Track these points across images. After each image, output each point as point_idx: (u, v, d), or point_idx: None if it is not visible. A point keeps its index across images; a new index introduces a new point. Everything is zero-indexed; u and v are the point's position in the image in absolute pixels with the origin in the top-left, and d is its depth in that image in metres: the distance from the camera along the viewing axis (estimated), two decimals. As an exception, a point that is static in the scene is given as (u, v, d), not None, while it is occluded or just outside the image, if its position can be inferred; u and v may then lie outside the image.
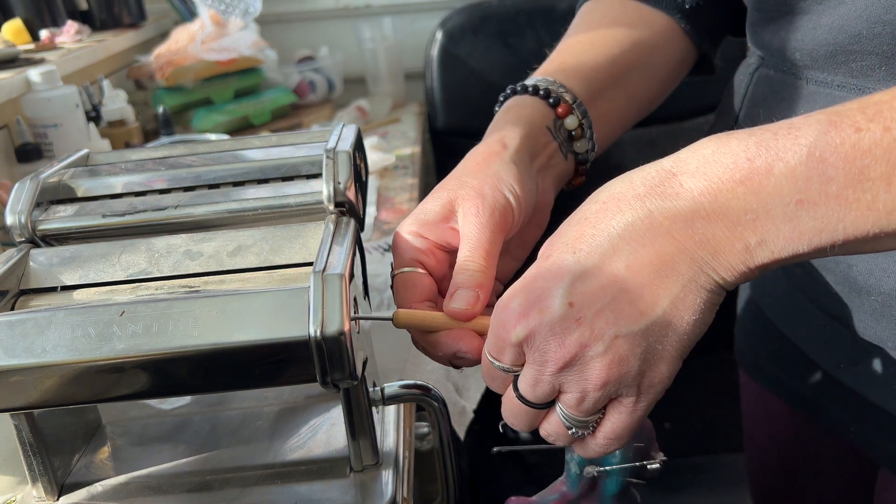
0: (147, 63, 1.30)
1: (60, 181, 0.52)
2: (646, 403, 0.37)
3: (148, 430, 0.52)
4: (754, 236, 0.33)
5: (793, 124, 0.33)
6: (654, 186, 0.35)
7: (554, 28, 0.60)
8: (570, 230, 0.37)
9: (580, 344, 0.35)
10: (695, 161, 0.34)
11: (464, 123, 1.40)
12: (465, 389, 0.70)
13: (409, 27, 1.63)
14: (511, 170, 0.46)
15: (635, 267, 0.34)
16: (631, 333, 0.34)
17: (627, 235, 0.35)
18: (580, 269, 0.35)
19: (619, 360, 0.35)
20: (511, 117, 0.51)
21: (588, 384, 0.36)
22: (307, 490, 0.45)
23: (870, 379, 0.53)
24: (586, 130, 0.52)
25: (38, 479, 0.46)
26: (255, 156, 0.54)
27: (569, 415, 0.38)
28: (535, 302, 0.36)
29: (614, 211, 0.35)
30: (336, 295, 0.39)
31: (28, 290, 0.45)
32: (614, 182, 0.37)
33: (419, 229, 0.46)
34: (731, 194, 0.33)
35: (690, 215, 0.34)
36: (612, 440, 0.38)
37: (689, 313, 0.35)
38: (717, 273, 0.34)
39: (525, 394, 0.38)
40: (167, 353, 0.39)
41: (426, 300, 0.44)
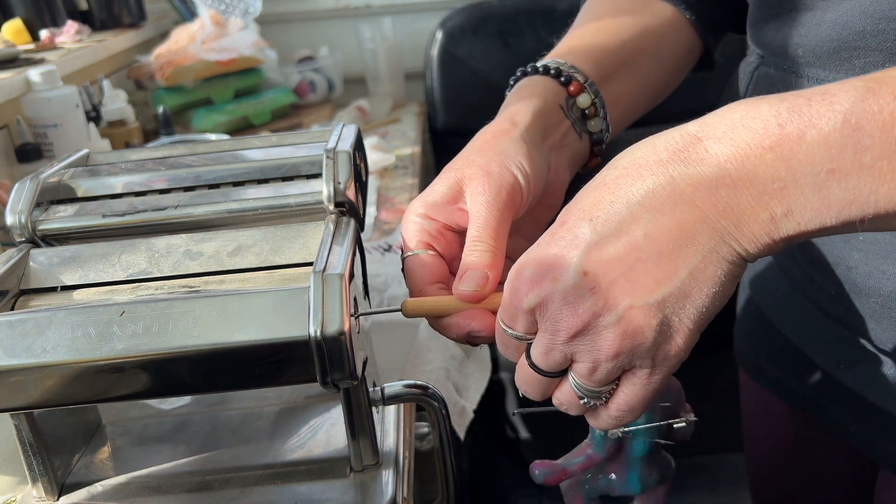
0: (147, 63, 1.30)
1: (60, 181, 0.52)
2: (660, 376, 0.36)
3: (148, 430, 0.52)
4: (781, 206, 0.32)
5: (828, 90, 0.31)
6: (678, 151, 0.33)
7: (554, 28, 0.60)
8: (587, 196, 0.35)
9: (593, 313, 0.34)
10: (722, 126, 0.33)
11: (464, 123, 1.40)
12: (465, 389, 0.70)
13: (409, 27, 1.63)
14: (520, 147, 0.45)
15: (654, 236, 0.33)
16: (646, 304, 0.33)
17: (647, 203, 0.33)
18: (596, 237, 0.34)
19: (633, 331, 0.34)
20: (522, 96, 0.50)
21: (600, 354, 0.35)
22: (307, 490, 0.45)
23: (870, 379, 0.53)
24: (599, 109, 0.52)
25: (38, 479, 0.46)
26: (255, 156, 0.54)
27: (581, 384, 0.37)
28: (548, 270, 0.35)
29: (635, 177, 0.34)
30: (336, 295, 0.39)
31: (28, 290, 0.45)
32: (636, 147, 0.35)
33: (427, 211, 0.45)
34: (759, 161, 0.32)
35: (715, 182, 0.32)
36: (626, 412, 0.37)
37: (709, 285, 0.33)
38: (739, 244, 0.33)
39: (537, 362, 0.37)
40: (167, 353, 0.39)
41: (437, 282, 0.44)
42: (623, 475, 0.47)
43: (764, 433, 0.74)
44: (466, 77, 1.37)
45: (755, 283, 0.68)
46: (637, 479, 0.47)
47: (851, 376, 0.55)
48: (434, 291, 0.43)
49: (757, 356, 0.70)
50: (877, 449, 0.56)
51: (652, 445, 0.46)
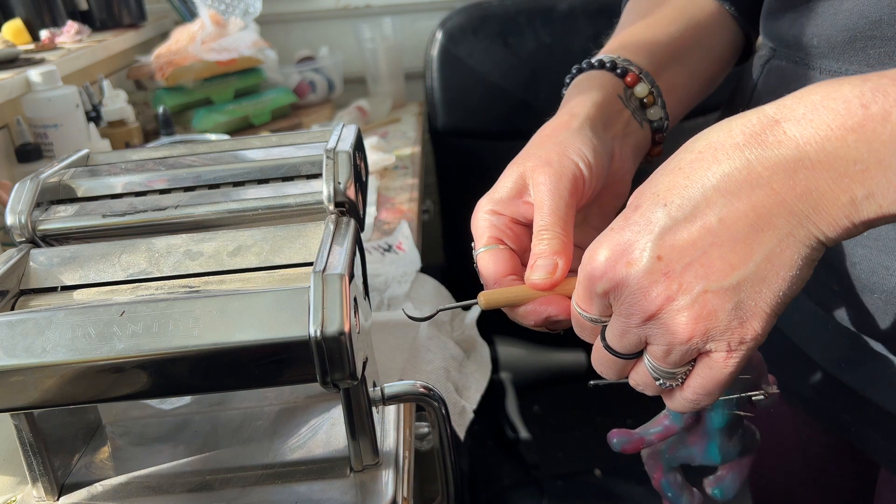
0: (147, 63, 1.30)
1: (61, 181, 0.52)
2: (737, 360, 0.36)
3: (148, 430, 0.52)
4: (862, 188, 0.31)
5: None
6: (755, 134, 0.33)
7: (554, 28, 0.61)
8: (661, 180, 0.35)
9: (667, 297, 0.34)
10: (802, 107, 0.32)
11: (464, 123, 1.40)
12: (465, 389, 0.70)
13: (409, 27, 1.63)
14: (579, 137, 0.45)
15: (729, 220, 0.33)
16: (721, 288, 0.34)
17: (723, 187, 0.33)
18: (670, 221, 0.34)
19: (707, 314, 0.34)
20: (580, 90, 0.51)
21: (674, 338, 0.35)
22: (307, 490, 0.45)
23: (871, 379, 0.53)
24: (657, 98, 0.52)
25: (38, 479, 0.46)
26: (255, 156, 0.54)
27: (656, 366, 0.37)
28: (622, 254, 0.35)
29: (710, 161, 0.34)
30: (336, 295, 0.39)
31: (28, 290, 0.45)
32: (711, 129, 0.35)
33: (494, 207, 0.45)
34: (840, 143, 0.31)
35: (793, 165, 0.32)
36: (702, 395, 0.37)
37: (786, 269, 0.33)
38: (817, 227, 0.33)
39: (612, 344, 0.38)
40: (167, 353, 0.39)
41: (509, 275, 0.44)
42: (702, 446, 0.47)
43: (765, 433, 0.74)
44: (466, 77, 1.37)
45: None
46: (717, 450, 0.47)
47: (853, 376, 0.55)
48: (507, 284, 0.44)
49: None
50: (878, 449, 0.56)
51: (731, 417, 0.46)
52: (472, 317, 0.79)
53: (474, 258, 0.46)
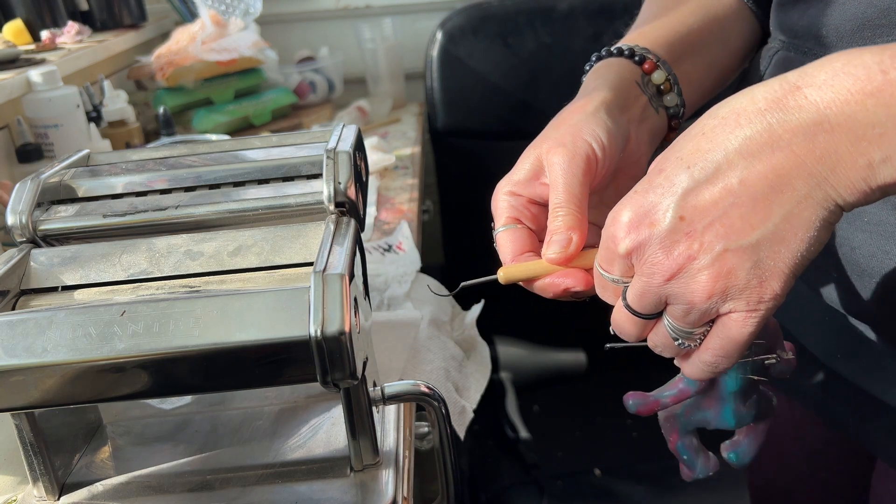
0: (148, 63, 1.30)
1: (61, 181, 0.52)
2: (756, 319, 0.36)
3: (148, 429, 0.53)
4: (880, 151, 0.32)
5: None
6: (777, 100, 0.34)
7: (554, 28, 0.61)
8: (685, 144, 0.36)
9: (688, 256, 0.35)
10: (823, 74, 0.33)
11: (464, 123, 1.40)
12: (465, 389, 0.70)
13: (410, 27, 1.63)
14: (594, 119, 0.46)
15: (749, 181, 0.34)
16: (740, 247, 0.34)
17: (744, 149, 0.34)
18: (693, 183, 0.35)
19: (727, 272, 0.35)
20: (598, 75, 0.52)
21: (695, 296, 0.36)
22: (307, 489, 0.45)
23: (868, 370, 0.53)
24: (674, 86, 0.53)
25: (38, 479, 0.46)
26: (255, 156, 0.54)
27: (675, 326, 0.38)
28: (645, 215, 0.36)
29: (733, 125, 0.35)
30: (336, 295, 0.39)
31: (29, 290, 0.45)
32: (735, 97, 0.36)
33: (513, 188, 0.47)
34: (859, 106, 0.32)
35: (813, 128, 0.33)
36: (721, 357, 0.38)
37: (804, 230, 0.34)
38: (835, 190, 0.33)
39: (633, 304, 0.39)
40: (168, 352, 0.39)
41: (527, 252, 0.46)
42: (717, 410, 0.47)
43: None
44: (466, 77, 1.37)
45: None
46: (731, 414, 0.47)
47: (849, 367, 0.55)
48: (525, 260, 0.45)
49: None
50: (874, 440, 0.56)
51: (745, 381, 0.46)
52: (472, 317, 0.79)
53: (494, 239, 0.47)
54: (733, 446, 0.50)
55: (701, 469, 0.50)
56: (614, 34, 0.63)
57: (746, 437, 0.49)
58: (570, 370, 1.41)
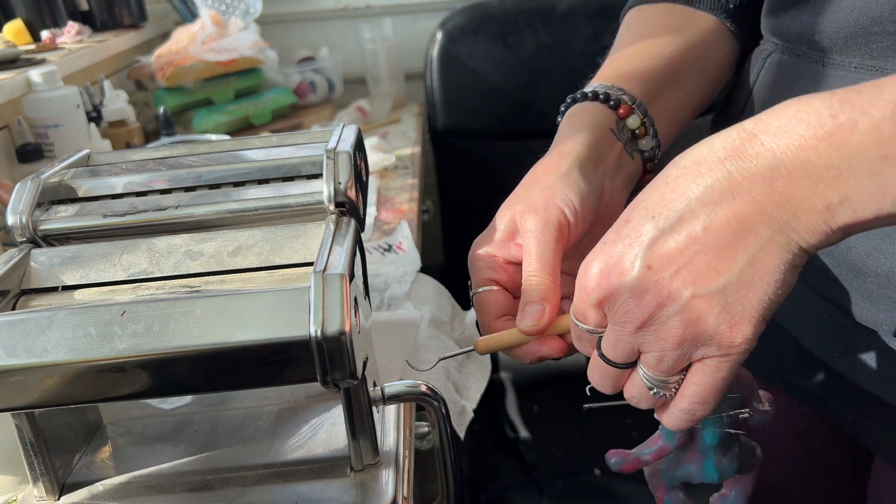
0: (148, 63, 1.30)
1: (61, 181, 0.52)
2: (729, 364, 0.37)
3: (149, 429, 0.53)
4: (837, 194, 0.32)
5: (877, 83, 0.32)
6: (735, 148, 0.35)
7: (554, 28, 0.61)
8: (650, 194, 0.37)
9: (657, 304, 0.36)
10: (777, 121, 0.34)
11: (464, 123, 1.40)
12: (465, 389, 0.70)
13: (410, 27, 1.63)
14: (566, 180, 0.47)
15: (713, 228, 0.35)
16: (708, 293, 0.35)
17: (706, 198, 0.35)
18: (658, 232, 0.36)
19: (696, 318, 0.36)
20: (573, 124, 0.52)
21: (666, 343, 0.37)
22: (308, 489, 0.45)
23: (864, 367, 0.53)
24: (649, 128, 0.53)
25: (39, 479, 0.46)
26: (255, 156, 0.54)
27: (650, 375, 0.39)
28: (614, 265, 0.37)
29: (694, 174, 0.36)
30: (336, 295, 0.39)
31: (29, 289, 0.45)
32: (696, 147, 0.37)
33: (489, 248, 0.48)
34: (813, 151, 0.33)
35: (771, 174, 0.34)
36: (697, 404, 0.39)
37: (769, 274, 0.35)
38: (797, 233, 0.34)
39: (607, 353, 0.40)
40: (168, 352, 0.39)
41: (504, 315, 0.47)
42: (699, 464, 0.48)
43: (761, 427, 0.74)
44: (466, 77, 1.37)
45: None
46: (713, 468, 0.47)
47: (846, 364, 0.55)
48: (502, 324, 0.47)
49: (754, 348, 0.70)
50: (872, 436, 0.56)
51: (723, 435, 0.46)
52: (473, 317, 0.79)
53: (471, 298, 0.48)
54: (721, 499, 0.50)
55: None
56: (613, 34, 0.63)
57: (734, 490, 0.50)
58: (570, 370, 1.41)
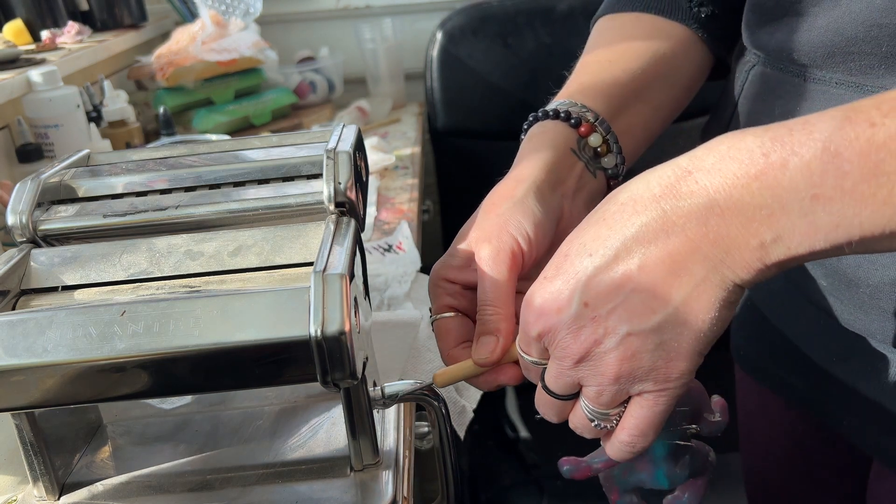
0: (148, 63, 1.30)
1: (61, 181, 0.52)
2: (666, 398, 0.38)
3: (149, 429, 0.53)
4: (770, 232, 0.33)
5: (808, 120, 0.33)
6: (670, 186, 0.35)
7: (554, 28, 0.61)
8: (588, 230, 0.38)
9: (594, 340, 0.37)
10: (710, 158, 0.34)
11: (464, 123, 1.40)
12: (465, 389, 0.70)
13: (410, 28, 1.63)
14: (521, 207, 0.47)
15: (648, 267, 0.35)
16: (643, 331, 0.36)
17: (641, 236, 0.35)
18: (595, 270, 0.36)
19: (631, 355, 0.36)
20: (533, 146, 0.52)
21: (603, 378, 0.38)
22: (307, 489, 0.45)
23: (861, 372, 0.53)
24: (612, 146, 0.53)
25: (39, 479, 0.46)
26: (255, 156, 0.54)
27: (591, 407, 0.40)
28: (553, 301, 0.38)
29: (630, 212, 0.36)
30: (336, 295, 0.39)
31: (29, 289, 0.45)
32: (633, 182, 0.37)
33: (447, 274, 0.48)
34: (745, 190, 0.33)
35: (705, 213, 0.34)
36: (637, 436, 0.40)
37: (704, 311, 0.35)
38: (731, 271, 0.34)
39: (550, 385, 0.41)
40: (168, 352, 0.39)
41: (464, 342, 0.48)
42: (650, 472, 0.49)
43: (760, 428, 0.74)
44: (466, 77, 1.37)
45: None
46: (664, 476, 0.48)
47: (844, 369, 0.55)
48: (460, 352, 0.47)
49: (752, 352, 0.70)
50: (870, 441, 0.56)
51: (673, 447, 0.47)
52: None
53: (431, 325, 0.49)
54: (675, 500, 0.51)
55: None
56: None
57: (685, 493, 0.50)
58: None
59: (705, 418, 0.47)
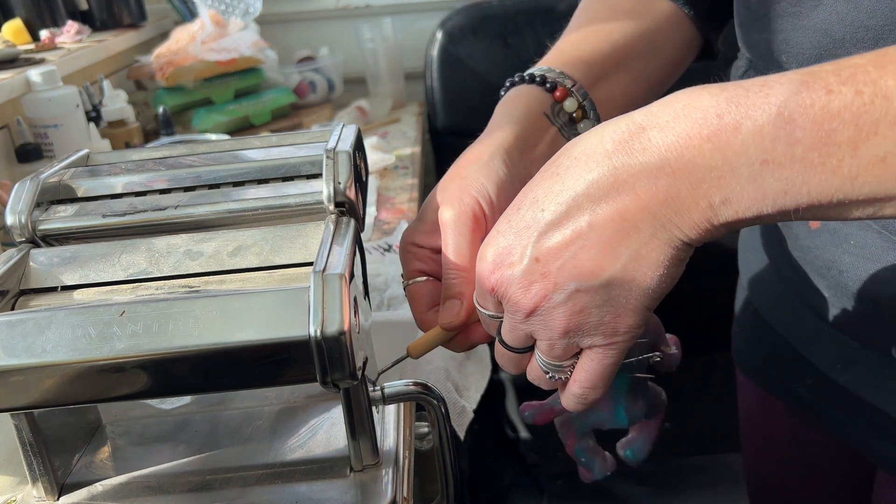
0: (147, 63, 1.30)
1: (61, 181, 0.52)
2: (615, 351, 0.39)
3: (148, 429, 0.53)
4: (718, 194, 0.33)
5: (766, 82, 0.32)
6: (623, 142, 0.35)
7: (554, 28, 0.60)
8: (540, 184, 0.38)
9: (543, 295, 0.37)
10: (665, 115, 0.34)
11: (464, 123, 1.40)
12: (465, 389, 0.70)
13: (409, 27, 1.63)
14: (485, 170, 0.47)
15: (597, 224, 0.35)
16: (591, 287, 0.36)
17: (591, 193, 0.35)
18: (545, 226, 0.37)
19: (580, 310, 0.37)
20: (505, 110, 0.52)
21: (553, 332, 0.38)
22: (307, 490, 0.45)
23: (864, 379, 0.53)
24: (589, 111, 0.53)
25: (38, 479, 0.46)
26: (255, 156, 0.54)
27: (544, 360, 0.41)
28: (506, 255, 0.38)
29: (582, 167, 0.36)
30: (336, 295, 0.39)
31: (28, 290, 0.45)
32: (587, 135, 0.37)
33: (416, 239, 0.49)
34: (697, 151, 0.33)
35: (655, 171, 0.34)
36: (588, 389, 0.40)
37: (652, 269, 0.36)
38: (680, 230, 0.35)
39: (505, 338, 0.42)
40: (167, 353, 0.39)
41: (434, 306, 0.48)
42: (610, 410, 0.49)
43: (761, 433, 0.74)
44: (466, 77, 1.37)
45: (753, 284, 0.68)
46: (624, 413, 0.49)
47: (847, 376, 0.55)
48: (432, 316, 0.48)
49: (754, 356, 0.70)
50: (872, 448, 0.56)
51: (633, 380, 0.48)
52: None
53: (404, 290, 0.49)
54: (628, 444, 0.52)
55: (598, 471, 0.52)
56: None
57: (640, 434, 0.51)
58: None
59: (663, 351, 0.48)
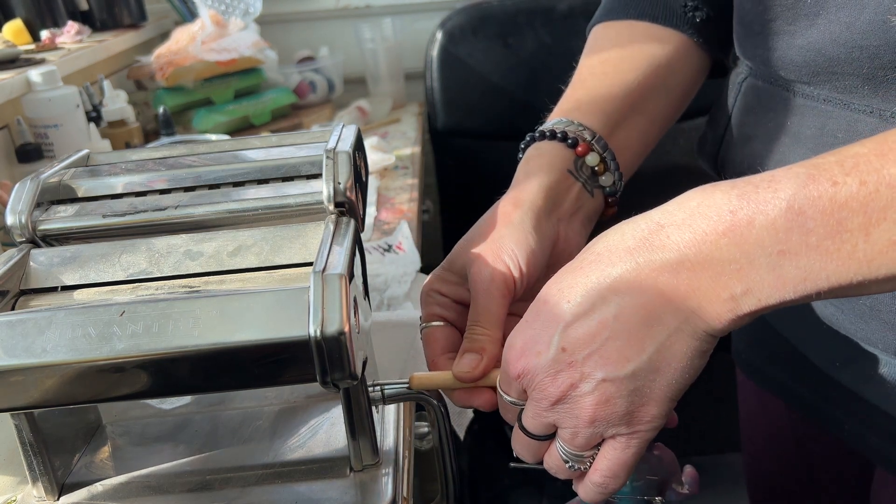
0: (147, 63, 1.30)
1: (61, 181, 0.52)
2: (638, 441, 0.39)
3: (148, 429, 0.53)
4: (739, 285, 0.34)
5: (774, 177, 0.34)
6: (643, 239, 0.37)
7: (554, 28, 0.60)
8: (566, 278, 0.39)
9: (570, 384, 0.38)
10: (681, 213, 0.36)
11: (464, 123, 1.40)
12: (464, 389, 0.70)
13: (409, 27, 1.63)
14: (516, 234, 0.48)
15: (622, 316, 0.37)
16: (617, 378, 0.37)
17: (616, 287, 0.37)
18: (572, 317, 0.38)
19: (606, 400, 0.38)
20: (530, 168, 0.52)
21: (578, 421, 0.39)
22: (307, 489, 0.45)
23: (864, 378, 0.53)
24: (609, 164, 0.53)
25: (38, 479, 0.46)
26: (255, 156, 0.54)
27: (565, 448, 0.41)
28: (532, 345, 0.39)
29: (606, 263, 0.37)
30: (336, 295, 0.39)
31: (28, 290, 0.45)
32: (609, 233, 0.39)
33: (440, 287, 0.50)
34: (714, 246, 0.34)
35: (676, 267, 0.35)
36: (609, 478, 0.41)
37: (677, 360, 0.37)
38: (704, 322, 0.36)
39: (527, 426, 0.42)
40: (167, 353, 0.39)
41: (448, 353, 0.48)
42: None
43: (762, 432, 0.74)
44: (466, 77, 1.37)
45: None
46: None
47: (847, 374, 0.55)
48: (445, 361, 0.48)
49: (754, 355, 0.70)
50: (871, 447, 0.56)
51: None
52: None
53: (420, 332, 0.50)
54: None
55: None
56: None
57: None
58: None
59: (674, 489, 0.48)
